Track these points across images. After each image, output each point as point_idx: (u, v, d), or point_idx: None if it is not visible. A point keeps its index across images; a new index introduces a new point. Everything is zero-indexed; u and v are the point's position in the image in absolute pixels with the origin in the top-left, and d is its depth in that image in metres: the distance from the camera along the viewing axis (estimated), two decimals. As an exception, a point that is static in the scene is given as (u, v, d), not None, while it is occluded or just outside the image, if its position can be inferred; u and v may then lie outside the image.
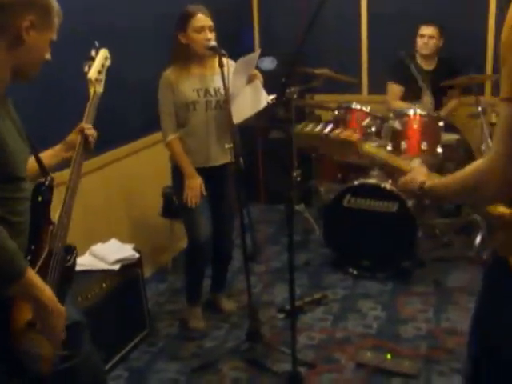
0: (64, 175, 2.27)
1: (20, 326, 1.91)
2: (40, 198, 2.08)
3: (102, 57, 2.49)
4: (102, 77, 2.48)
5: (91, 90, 2.43)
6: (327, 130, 1.83)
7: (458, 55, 5.06)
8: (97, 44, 2.49)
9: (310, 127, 1.78)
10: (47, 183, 2.13)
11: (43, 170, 2.18)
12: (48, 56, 2.02)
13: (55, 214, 2.14)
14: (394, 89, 5.13)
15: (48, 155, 2.39)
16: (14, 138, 1.91)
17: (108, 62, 2.53)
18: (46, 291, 1.88)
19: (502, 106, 1.50)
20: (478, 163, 1.61)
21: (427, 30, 4.96)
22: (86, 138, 2.36)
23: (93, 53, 2.48)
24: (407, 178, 2.02)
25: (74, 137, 2.38)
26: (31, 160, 2.14)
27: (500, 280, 1.72)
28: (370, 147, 2.16)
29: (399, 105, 4.99)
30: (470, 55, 5.20)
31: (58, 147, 2.42)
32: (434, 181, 1.89)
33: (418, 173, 1.99)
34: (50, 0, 1.97)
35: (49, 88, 3.39)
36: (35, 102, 3.33)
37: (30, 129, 2.08)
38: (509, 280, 1.67)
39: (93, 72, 2.43)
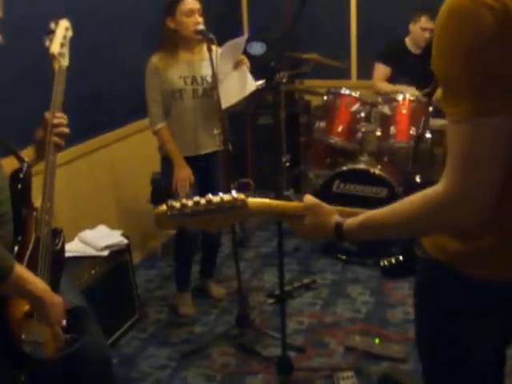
0: (42, 166, 2.19)
1: (18, 317, 1.90)
2: (20, 186, 2.05)
3: (62, 28, 2.31)
4: (66, 50, 2.29)
5: (56, 66, 2.24)
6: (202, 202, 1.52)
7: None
8: (56, 19, 2.33)
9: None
10: (24, 169, 2.08)
11: (18, 157, 2.12)
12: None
13: (37, 201, 2.11)
14: (381, 69, 5.09)
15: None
16: None
17: (70, 33, 2.34)
18: (38, 284, 1.87)
19: (454, 128, 1.36)
20: (427, 193, 1.40)
21: (430, 24, 4.91)
22: (54, 132, 2.19)
23: (52, 25, 2.30)
24: (310, 223, 1.64)
25: (41, 134, 2.21)
26: (6, 160, 2.09)
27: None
28: (256, 203, 1.61)
29: (384, 86, 4.98)
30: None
31: (29, 150, 2.25)
32: (354, 219, 1.58)
33: (319, 213, 1.65)
34: None
35: (25, 78, 3.36)
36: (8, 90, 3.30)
37: (7, 122, 2.03)
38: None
39: (55, 46, 2.25)
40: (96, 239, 3.50)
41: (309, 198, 1.67)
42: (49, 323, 1.94)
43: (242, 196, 1.55)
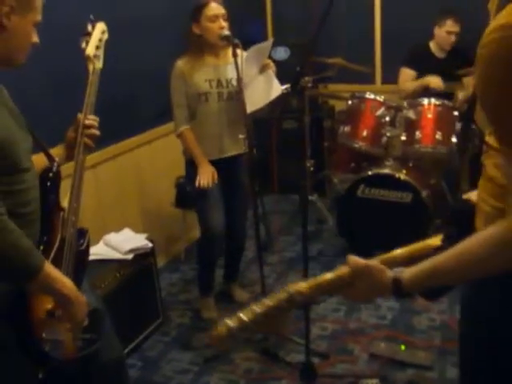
0: (70, 167, 2.20)
1: (40, 315, 1.92)
2: (49, 184, 2.06)
3: (98, 31, 2.33)
4: (101, 52, 2.33)
5: (90, 67, 2.27)
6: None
7: (472, 42, 4.99)
8: (92, 18, 2.34)
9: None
10: (54, 169, 2.09)
11: (48, 155, 2.14)
12: (35, 39, 1.94)
13: (64, 201, 2.12)
14: (407, 73, 5.06)
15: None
16: (11, 128, 1.86)
17: (106, 36, 2.37)
18: (67, 283, 1.89)
19: None
20: (492, 234, 1.34)
21: (455, 28, 4.88)
22: (85, 133, 2.21)
23: (89, 27, 2.32)
24: (363, 287, 1.53)
25: (72, 134, 2.23)
26: (36, 156, 2.09)
27: None
28: (308, 288, 1.57)
29: (409, 84, 4.94)
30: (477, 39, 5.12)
31: (57, 149, 2.27)
32: (411, 271, 1.48)
33: (370, 274, 1.53)
34: None
35: (60, 78, 3.39)
36: (42, 91, 3.33)
37: (40, 120, 2.05)
38: None
39: (91, 48, 2.27)
40: (121, 243, 3.51)
41: (353, 261, 1.58)
42: (73, 322, 1.95)
43: (295, 287, 1.53)
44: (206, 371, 3.36)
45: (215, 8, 3.40)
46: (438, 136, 4.26)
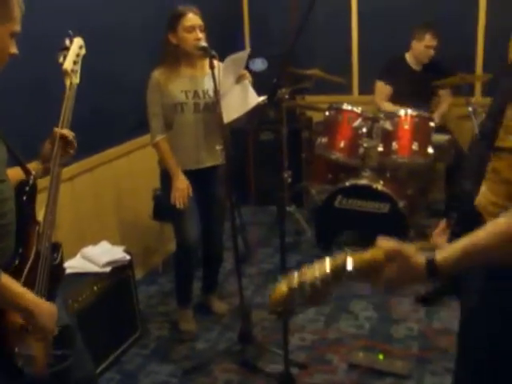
0: (46, 180, 2.19)
1: (13, 329, 1.89)
2: (25, 197, 2.04)
3: (76, 46, 2.34)
4: (78, 67, 2.33)
5: (67, 82, 2.27)
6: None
7: (447, 54, 5.06)
8: (71, 33, 2.34)
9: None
10: (30, 182, 2.07)
11: (24, 169, 2.11)
12: (14, 50, 1.92)
13: (39, 214, 2.10)
14: (382, 88, 5.11)
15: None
16: None
17: (83, 51, 2.38)
18: (26, 295, 1.86)
19: None
20: None
21: (434, 42, 4.92)
22: (65, 142, 2.21)
23: (67, 42, 2.33)
24: (397, 270, 1.48)
25: (48, 146, 2.22)
26: (12, 170, 2.08)
27: None
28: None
29: (388, 107, 4.99)
30: (459, 54, 5.19)
31: (33, 164, 2.24)
32: (446, 252, 1.47)
33: (404, 256, 1.49)
34: None
35: (36, 91, 3.38)
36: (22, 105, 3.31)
37: (15, 134, 2.03)
38: None
39: (68, 62, 2.27)
40: (98, 255, 3.49)
41: (385, 243, 1.52)
42: (41, 334, 1.93)
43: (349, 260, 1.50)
44: (185, 383, 3.34)
45: (192, 19, 3.40)
46: (415, 147, 4.30)
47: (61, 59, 2.29)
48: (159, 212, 4.35)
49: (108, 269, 3.43)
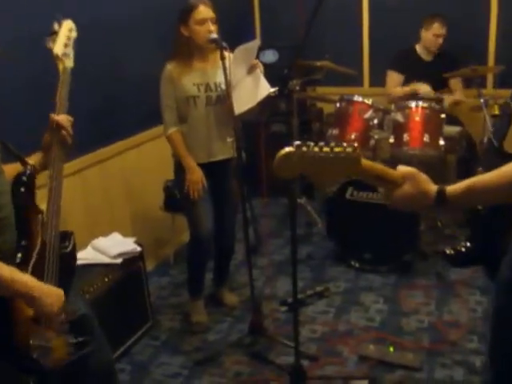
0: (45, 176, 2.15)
1: (25, 323, 1.90)
2: (22, 189, 2.01)
3: (65, 29, 2.28)
4: (70, 50, 2.27)
5: (60, 67, 2.22)
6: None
7: (459, 46, 5.03)
8: (59, 16, 2.29)
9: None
10: (28, 172, 2.04)
11: (21, 160, 2.09)
12: None
13: (42, 204, 2.07)
14: (394, 77, 5.10)
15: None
16: None
17: (74, 34, 2.32)
18: (28, 282, 1.84)
19: None
20: None
21: (442, 30, 4.91)
22: (61, 135, 2.18)
23: (55, 26, 2.28)
24: (409, 191, 1.62)
25: (48, 138, 2.20)
26: (10, 166, 2.07)
27: None
28: (366, 162, 1.62)
29: (397, 90, 4.97)
30: (470, 46, 5.16)
31: (34, 156, 2.22)
32: (457, 185, 1.60)
33: (419, 180, 1.62)
34: None
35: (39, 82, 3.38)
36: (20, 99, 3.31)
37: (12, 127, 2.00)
38: None
39: (58, 46, 2.22)
40: (109, 247, 3.50)
41: (404, 167, 1.65)
42: (50, 319, 1.92)
43: (357, 151, 1.54)
44: (196, 375, 3.35)
45: (204, 11, 3.39)
46: (426, 138, 4.28)
47: (50, 44, 2.25)
48: (170, 203, 4.36)
49: (119, 260, 3.44)
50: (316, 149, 1.50)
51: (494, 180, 1.53)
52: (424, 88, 4.84)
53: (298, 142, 1.51)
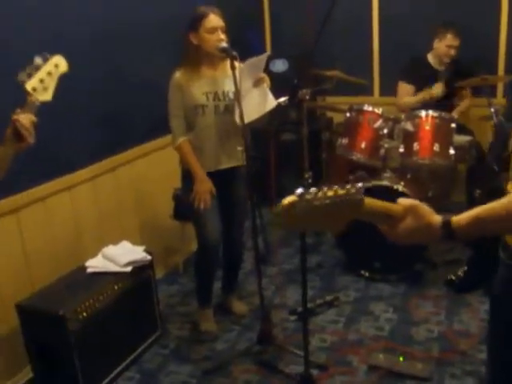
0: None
1: None
2: None
3: (50, 65, 2.29)
4: (49, 84, 2.27)
5: (28, 99, 2.23)
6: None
7: (469, 55, 5.03)
8: (47, 54, 2.29)
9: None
10: None
11: None
12: None
13: None
14: (405, 88, 5.09)
15: None
16: None
17: (61, 69, 2.32)
18: None
19: None
20: None
21: (456, 42, 4.90)
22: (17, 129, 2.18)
23: (37, 60, 2.27)
24: (412, 226, 1.54)
25: (9, 131, 2.21)
26: None
27: None
28: (370, 202, 1.53)
29: (408, 99, 4.98)
30: (481, 55, 5.16)
31: None
32: (462, 216, 1.51)
33: (421, 213, 1.54)
34: None
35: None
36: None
37: None
38: None
39: (31, 81, 2.23)
40: (119, 255, 3.51)
41: (405, 200, 1.58)
42: None
43: (361, 191, 1.45)
44: (204, 383, 3.35)
45: (214, 20, 3.40)
46: (436, 148, 4.26)
47: (22, 77, 2.24)
48: (180, 212, 4.37)
49: (129, 268, 3.45)
50: (320, 194, 1.41)
51: (500, 210, 1.47)
52: (436, 89, 4.84)
53: (300, 191, 1.41)
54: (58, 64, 2.32)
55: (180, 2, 4.36)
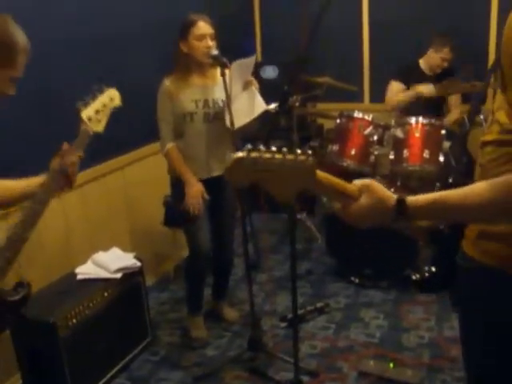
0: None
1: None
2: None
3: (106, 96, 2.34)
4: (102, 116, 2.34)
5: (81, 128, 2.30)
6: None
7: (459, 62, 5.04)
8: (102, 86, 2.35)
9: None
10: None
11: None
12: (11, 92, 2.01)
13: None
14: (396, 86, 5.09)
15: (17, 185, 2.24)
16: None
17: (115, 103, 2.38)
18: None
19: None
20: (499, 180, 1.41)
21: (450, 56, 4.95)
22: (66, 172, 2.21)
23: (96, 92, 2.34)
24: (367, 203, 1.49)
25: (56, 161, 2.23)
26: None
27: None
28: (322, 173, 1.48)
29: (401, 96, 4.98)
30: (470, 63, 5.18)
31: (34, 179, 2.24)
32: (419, 197, 1.48)
33: (376, 190, 1.50)
34: (13, 37, 1.94)
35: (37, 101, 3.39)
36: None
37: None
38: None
39: (87, 110, 2.29)
40: (109, 262, 3.50)
41: (359, 180, 1.53)
42: None
43: (311, 159, 1.38)
44: (194, 391, 3.35)
45: (203, 27, 3.41)
46: (426, 154, 4.28)
47: (80, 106, 2.28)
48: (170, 218, 4.36)
49: (119, 275, 3.44)
50: (267, 155, 1.38)
51: (459, 199, 1.45)
52: (426, 89, 4.85)
53: (249, 146, 1.39)
54: (113, 97, 2.37)
55: (165, 8, 4.37)
